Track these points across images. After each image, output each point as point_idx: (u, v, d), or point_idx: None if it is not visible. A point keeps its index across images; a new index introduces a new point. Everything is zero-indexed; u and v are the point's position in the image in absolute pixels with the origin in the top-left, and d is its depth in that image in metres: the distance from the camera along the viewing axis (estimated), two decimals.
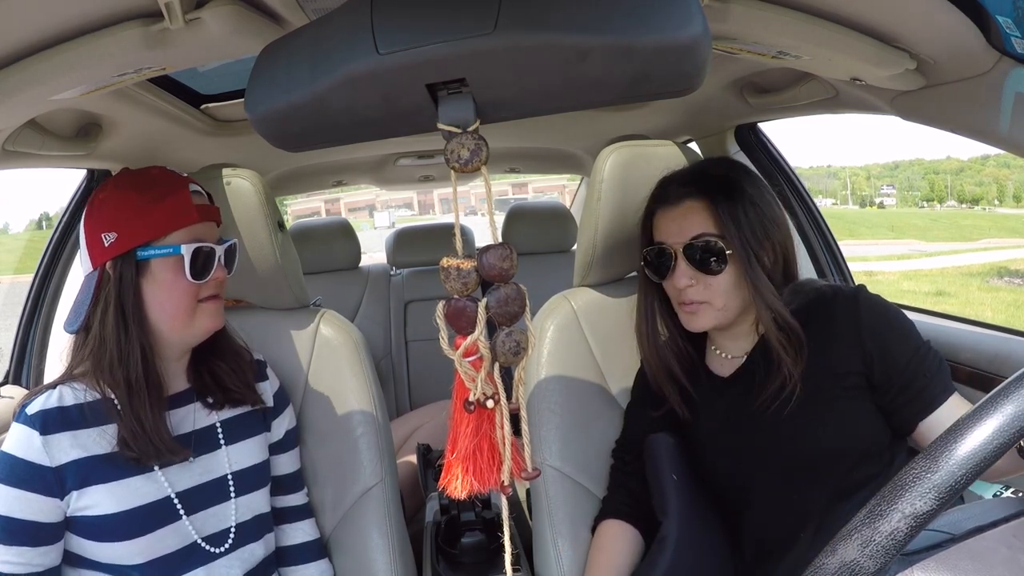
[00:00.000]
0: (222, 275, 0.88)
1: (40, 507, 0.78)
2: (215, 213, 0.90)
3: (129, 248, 0.81)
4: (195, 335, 0.88)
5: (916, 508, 0.38)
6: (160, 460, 0.83)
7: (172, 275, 0.83)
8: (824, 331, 0.88)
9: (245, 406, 0.95)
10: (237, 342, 0.98)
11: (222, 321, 0.90)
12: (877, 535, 0.39)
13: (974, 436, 0.38)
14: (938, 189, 57.10)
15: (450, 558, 1.23)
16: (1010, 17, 0.67)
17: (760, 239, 0.89)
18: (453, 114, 0.44)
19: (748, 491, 0.92)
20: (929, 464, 0.39)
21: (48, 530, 0.79)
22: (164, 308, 0.84)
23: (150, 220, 0.82)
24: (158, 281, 0.83)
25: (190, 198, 0.85)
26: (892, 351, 0.86)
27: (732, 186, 0.91)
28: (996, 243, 21.61)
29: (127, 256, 0.81)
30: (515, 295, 0.46)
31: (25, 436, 0.78)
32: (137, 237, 0.81)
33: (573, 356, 1.09)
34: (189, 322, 0.86)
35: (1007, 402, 0.39)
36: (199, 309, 0.86)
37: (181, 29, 0.68)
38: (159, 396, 0.84)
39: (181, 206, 0.84)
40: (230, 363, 0.94)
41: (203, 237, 0.86)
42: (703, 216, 0.90)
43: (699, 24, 0.40)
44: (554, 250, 2.35)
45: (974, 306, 11.32)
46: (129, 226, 0.81)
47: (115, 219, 0.81)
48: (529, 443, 0.50)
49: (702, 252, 0.89)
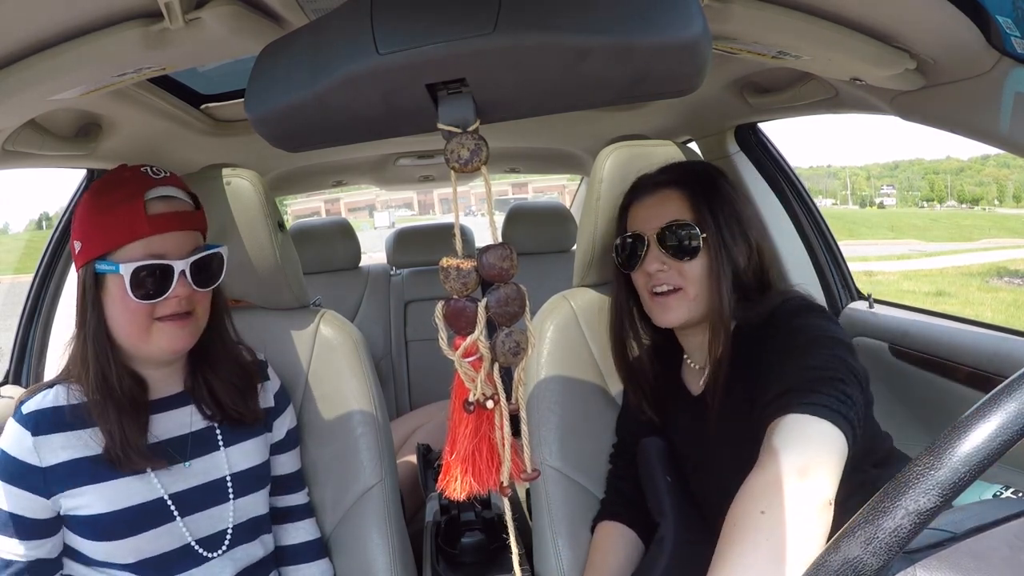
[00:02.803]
0: (185, 292, 0.80)
1: (31, 504, 0.79)
2: (187, 221, 0.81)
3: (88, 260, 0.79)
4: (156, 355, 0.82)
5: (920, 504, 0.38)
6: (132, 467, 0.80)
7: (120, 292, 0.77)
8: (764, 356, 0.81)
9: (243, 425, 0.91)
10: (237, 354, 0.92)
11: (185, 343, 0.82)
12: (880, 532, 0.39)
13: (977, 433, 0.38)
14: (938, 189, 57.10)
15: (450, 558, 1.23)
16: (1010, 17, 0.66)
17: (735, 235, 0.88)
18: (453, 114, 0.44)
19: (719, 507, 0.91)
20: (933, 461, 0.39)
21: (41, 525, 0.80)
22: (119, 324, 0.80)
23: (103, 231, 0.78)
24: (111, 296, 0.79)
25: (142, 207, 0.77)
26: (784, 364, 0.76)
27: (710, 181, 0.91)
28: (996, 243, 21.60)
29: (88, 267, 0.79)
30: (515, 295, 0.46)
31: (18, 435, 0.79)
32: (93, 249, 0.78)
33: (573, 356, 1.09)
34: (145, 341, 0.80)
35: (1010, 400, 0.39)
36: (156, 329, 0.79)
37: (181, 29, 0.68)
38: (132, 404, 0.81)
39: (131, 216, 0.77)
40: (224, 377, 0.89)
41: (159, 252, 0.78)
42: (679, 204, 0.90)
43: (699, 24, 0.40)
44: (554, 250, 2.35)
45: (974, 306, 11.31)
46: (88, 237, 0.79)
47: (80, 227, 0.80)
48: (528, 444, 0.50)
49: (676, 237, 0.88)
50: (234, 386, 0.90)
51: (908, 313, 1.42)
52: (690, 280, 0.88)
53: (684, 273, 0.88)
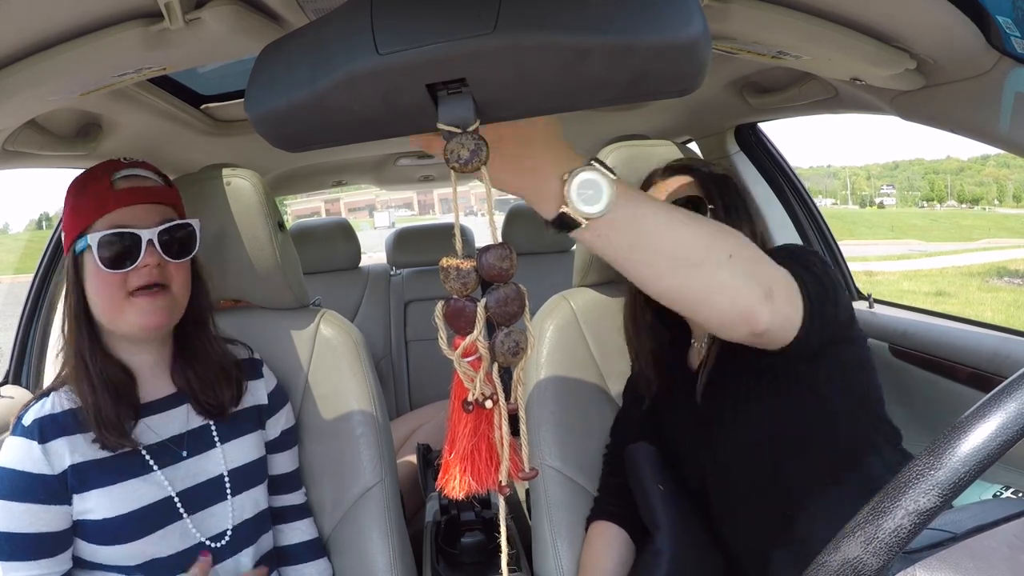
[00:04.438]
0: (154, 260, 0.80)
1: (48, 517, 0.78)
2: (155, 194, 0.83)
3: (69, 244, 0.82)
4: (131, 331, 0.83)
5: (920, 504, 0.38)
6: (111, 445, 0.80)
7: (93, 267, 0.80)
8: None
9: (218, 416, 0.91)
10: (216, 349, 0.92)
11: (159, 318, 0.82)
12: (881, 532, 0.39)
13: (978, 433, 0.38)
14: (938, 189, 57.11)
15: (450, 558, 1.23)
16: (1010, 17, 0.66)
17: (740, 218, 0.91)
18: (453, 114, 0.44)
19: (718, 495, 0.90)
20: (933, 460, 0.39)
21: (57, 539, 0.79)
22: (96, 301, 0.81)
23: (77, 213, 0.81)
24: (88, 273, 0.81)
25: (109, 185, 0.80)
26: None
27: (719, 174, 0.95)
28: (996, 243, 21.61)
29: (70, 251, 0.82)
30: (514, 295, 0.46)
31: (25, 448, 0.78)
32: (72, 232, 0.81)
33: (572, 356, 1.09)
34: (120, 316, 0.81)
35: (1010, 399, 0.39)
36: (129, 303, 0.80)
37: (181, 29, 0.68)
38: (111, 385, 0.81)
39: (98, 193, 0.80)
40: (201, 370, 0.90)
41: (124, 223, 0.80)
42: (688, 186, 0.93)
43: (699, 24, 0.40)
44: (554, 250, 2.35)
45: (974, 306, 11.32)
46: (68, 222, 0.82)
47: (63, 217, 0.83)
48: (527, 443, 0.50)
49: (684, 204, 0.89)
50: (208, 379, 0.90)
51: (908, 313, 1.42)
52: None
53: None
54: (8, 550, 0.77)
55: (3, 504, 0.77)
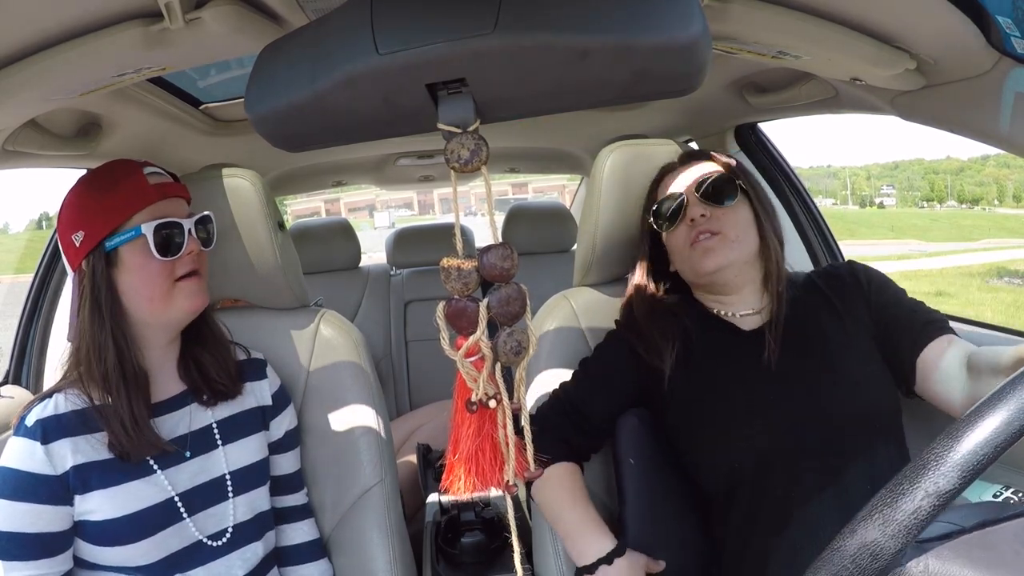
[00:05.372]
0: (195, 248, 0.86)
1: (50, 517, 0.78)
2: (179, 189, 0.88)
3: (97, 242, 0.81)
4: (177, 317, 0.86)
5: (939, 486, 0.38)
6: (146, 453, 0.82)
7: (141, 258, 0.81)
8: (829, 300, 0.94)
9: (227, 400, 0.93)
10: (221, 332, 0.96)
11: (205, 299, 0.87)
12: (899, 514, 0.39)
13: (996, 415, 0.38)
14: (938, 189, 57.11)
15: (450, 558, 1.23)
16: (1010, 17, 0.66)
17: (764, 202, 0.95)
18: (453, 114, 0.44)
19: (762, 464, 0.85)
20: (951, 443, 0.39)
21: (58, 539, 0.79)
22: (140, 293, 0.82)
23: (110, 209, 0.81)
24: (129, 267, 0.82)
25: (144, 179, 0.83)
26: (893, 302, 0.93)
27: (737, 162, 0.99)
28: (996, 243, 21.61)
29: (96, 250, 0.81)
30: (516, 295, 0.46)
31: (27, 448, 0.78)
32: (102, 229, 0.81)
33: (573, 355, 1.09)
34: (168, 304, 0.84)
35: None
36: (177, 289, 0.84)
37: (181, 29, 0.68)
38: (138, 389, 0.82)
39: (136, 187, 0.82)
40: (213, 353, 0.93)
41: (167, 214, 0.84)
42: (717, 168, 0.96)
43: (699, 24, 0.40)
44: (554, 250, 2.35)
45: (974, 306, 11.31)
46: (92, 221, 0.81)
47: (79, 218, 0.82)
48: (530, 442, 0.50)
49: (713, 186, 0.93)
50: (221, 360, 0.93)
51: None
52: (730, 224, 0.91)
53: (724, 218, 0.92)
54: (9, 550, 0.77)
55: (5, 504, 0.77)
